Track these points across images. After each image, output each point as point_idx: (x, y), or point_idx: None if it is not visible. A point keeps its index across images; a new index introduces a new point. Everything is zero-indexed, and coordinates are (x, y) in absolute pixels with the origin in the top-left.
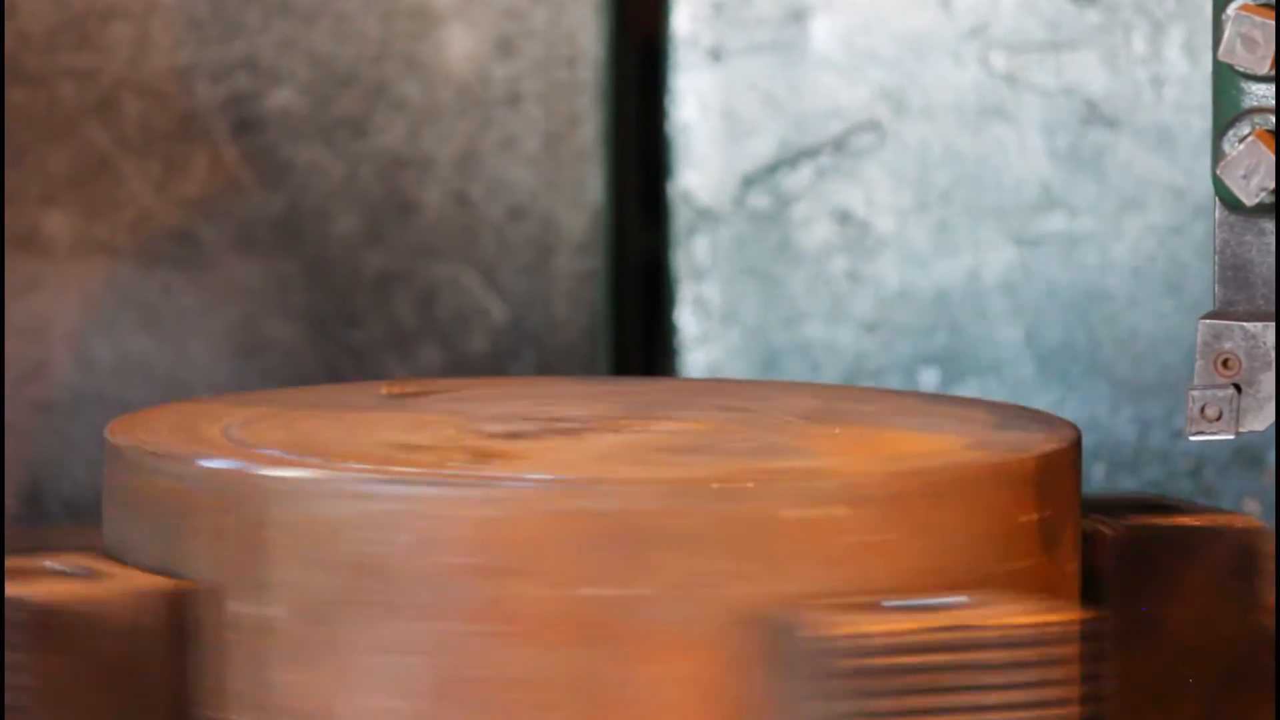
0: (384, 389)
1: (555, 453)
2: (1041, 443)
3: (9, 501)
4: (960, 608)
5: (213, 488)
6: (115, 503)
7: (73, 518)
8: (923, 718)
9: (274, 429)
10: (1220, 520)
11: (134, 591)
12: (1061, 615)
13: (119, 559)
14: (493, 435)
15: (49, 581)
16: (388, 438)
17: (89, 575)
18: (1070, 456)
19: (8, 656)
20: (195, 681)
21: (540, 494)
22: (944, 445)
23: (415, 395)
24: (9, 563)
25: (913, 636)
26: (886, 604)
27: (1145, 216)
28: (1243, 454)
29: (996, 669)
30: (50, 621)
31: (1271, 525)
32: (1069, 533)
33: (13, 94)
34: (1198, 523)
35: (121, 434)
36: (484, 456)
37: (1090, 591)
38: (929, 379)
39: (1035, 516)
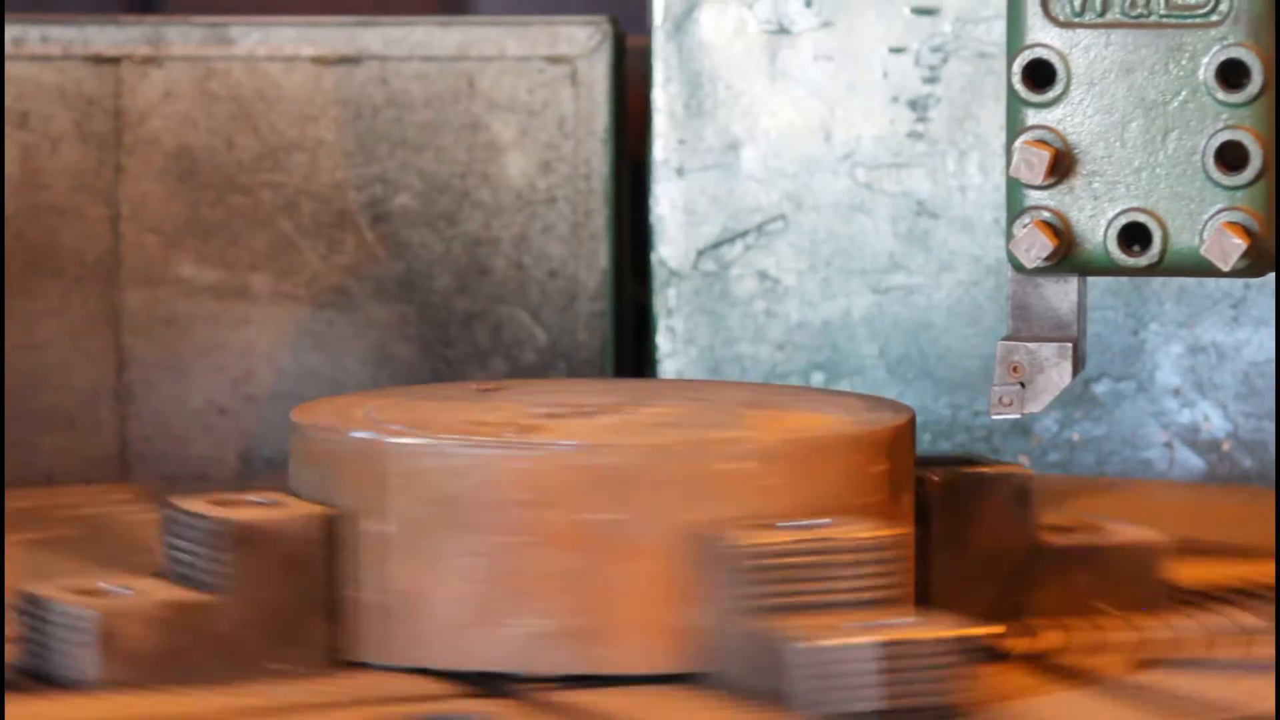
0: (475, 386)
1: (575, 428)
2: (890, 419)
3: (231, 462)
4: (826, 527)
5: (354, 450)
6: (295, 460)
7: (271, 471)
8: (800, 598)
9: (397, 411)
10: (1005, 469)
11: (303, 515)
12: (890, 531)
13: (296, 496)
14: (537, 416)
15: (251, 509)
16: (468, 417)
17: (276, 504)
18: (909, 429)
19: (220, 557)
20: (340, 572)
21: (560, 453)
22: (828, 421)
23: (493, 390)
24: (230, 495)
25: (793, 544)
26: (779, 525)
27: (955, 275)
28: (1016, 427)
29: (849, 566)
30: (248, 534)
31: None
32: (906, 479)
33: (232, 199)
34: (991, 470)
35: (300, 416)
36: (527, 430)
37: (922, 517)
38: (818, 379)
39: (882, 468)
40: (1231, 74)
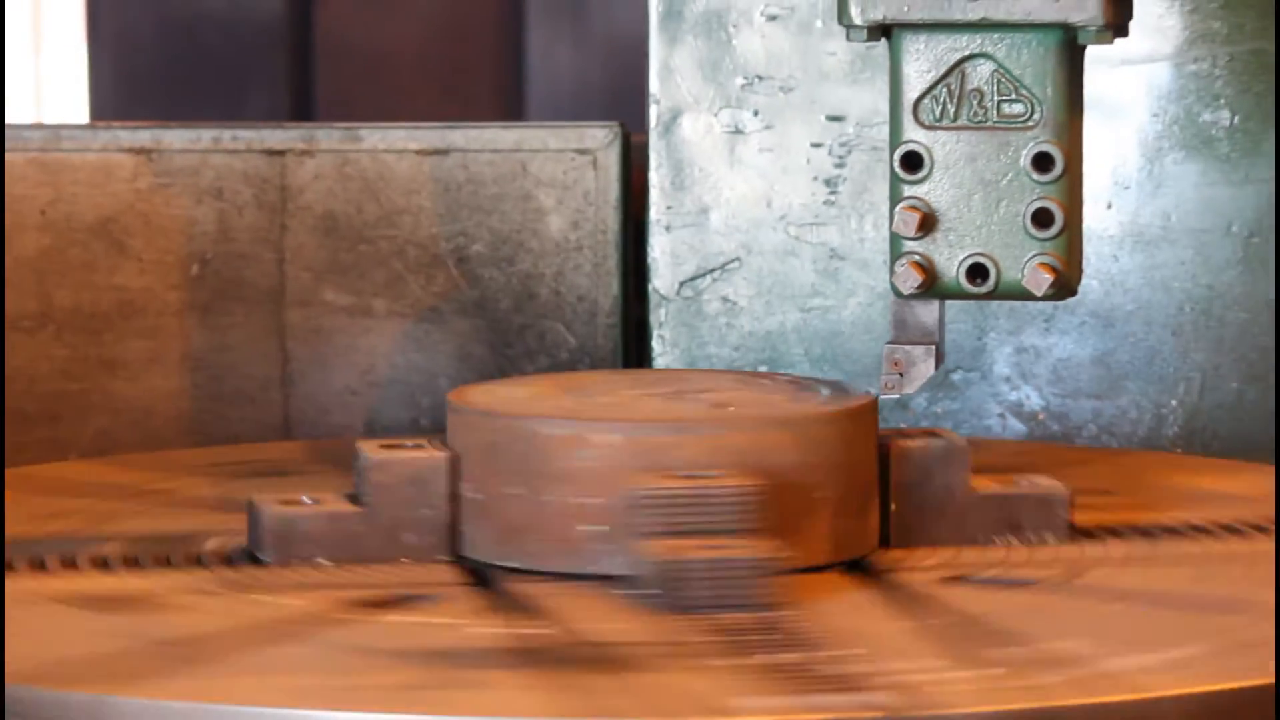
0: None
1: (608, 405)
2: (860, 400)
3: (359, 429)
4: (712, 479)
5: (468, 419)
6: (450, 427)
7: (389, 436)
8: (682, 525)
9: (484, 398)
10: (947, 438)
11: (412, 459)
12: (747, 483)
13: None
14: (579, 399)
15: (404, 451)
16: (530, 396)
17: (422, 448)
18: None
19: (387, 487)
20: (458, 485)
21: (603, 425)
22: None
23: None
24: (389, 441)
25: (678, 490)
26: (684, 474)
27: (857, 299)
28: (898, 404)
29: (722, 506)
30: (397, 468)
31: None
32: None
33: (360, 247)
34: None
35: (455, 398)
36: (578, 407)
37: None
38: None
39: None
40: (1042, 162)
